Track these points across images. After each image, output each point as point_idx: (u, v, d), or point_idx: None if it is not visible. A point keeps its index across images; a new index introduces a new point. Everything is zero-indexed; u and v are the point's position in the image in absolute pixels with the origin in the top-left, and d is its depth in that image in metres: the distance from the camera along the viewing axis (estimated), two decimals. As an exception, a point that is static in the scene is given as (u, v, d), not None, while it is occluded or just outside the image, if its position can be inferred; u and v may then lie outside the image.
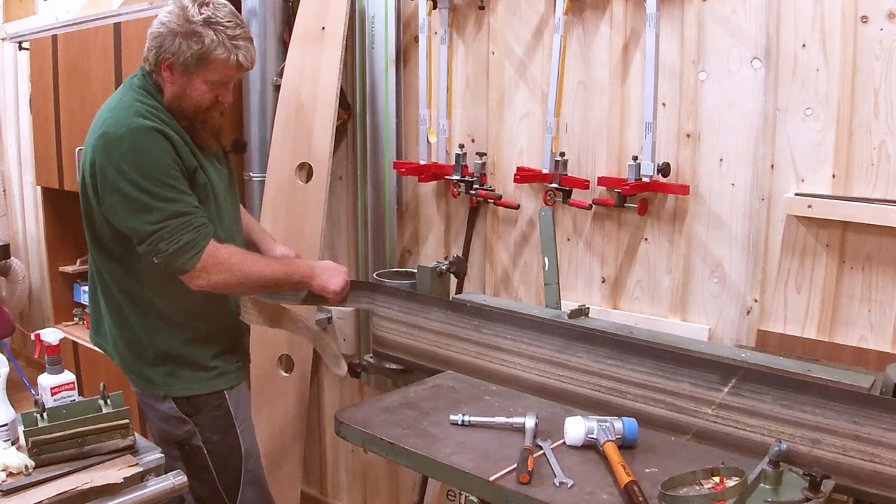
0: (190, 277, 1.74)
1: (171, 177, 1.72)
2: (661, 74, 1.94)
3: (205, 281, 1.75)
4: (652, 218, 2.05)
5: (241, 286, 1.81)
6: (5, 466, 1.45)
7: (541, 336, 1.78)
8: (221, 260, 1.75)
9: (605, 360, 1.67)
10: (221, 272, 1.75)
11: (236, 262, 1.78)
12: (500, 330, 1.84)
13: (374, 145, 2.57)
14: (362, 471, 2.91)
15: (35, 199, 4.17)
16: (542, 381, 1.77)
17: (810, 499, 1.24)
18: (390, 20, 2.46)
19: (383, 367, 2.13)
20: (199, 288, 1.76)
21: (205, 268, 1.73)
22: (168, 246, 1.69)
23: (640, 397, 1.62)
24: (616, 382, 1.65)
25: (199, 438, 1.89)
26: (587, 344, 1.71)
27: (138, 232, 1.71)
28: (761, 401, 1.46)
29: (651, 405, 1.60)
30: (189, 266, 1.72)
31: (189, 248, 1.71)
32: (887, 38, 1.65)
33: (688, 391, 1.55)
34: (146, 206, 1.69)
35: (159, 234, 1.69)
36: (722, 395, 1.50)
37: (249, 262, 1.81)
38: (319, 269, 1.94)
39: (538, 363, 1.77)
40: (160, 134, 1.72)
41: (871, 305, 1.75)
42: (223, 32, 1.74)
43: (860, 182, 1.73)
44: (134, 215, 1.70)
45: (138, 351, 1.89)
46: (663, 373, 1.59)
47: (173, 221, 1.70)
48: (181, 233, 1.70)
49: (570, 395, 1.72)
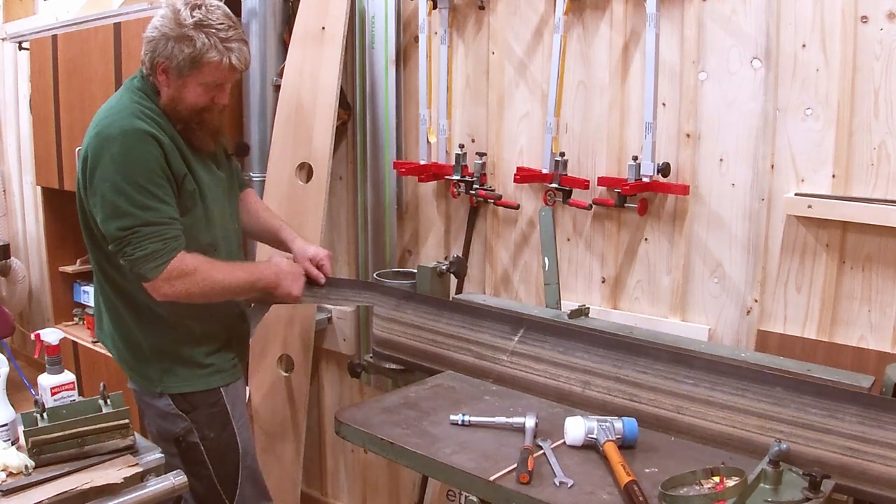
0: (152, 286, 1.75)
1: (153, 183, 1.73)
2: (661, 74, 1.94)
3: (168, 290, 1.75)
4: (652, 218, 2.05)
5: (205, 296, 1.81)
6: (5, 466, 1.45)
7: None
8: (186, 271, 1.75)
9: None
10: (185, 283, 1.76)
11: (201, 272, 1.78)
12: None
13: (374, 145, 2.57)
14: (362, 471, 2.91)
15: (35, 199, 4.17)
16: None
17: (810, 499, 1.24)
18: (390, 20, 2.46)
19: (383, 367, 2.13)
20: (162, 297, 1.77)
21: (168, 278, 1.74)
22: (134, 251, 1.71)
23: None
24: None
25: (195, 435, 1.90)
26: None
27: (109, 234, 1.73)
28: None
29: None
30: (152, 275, 1.73)
31: (154, 258, 1.71)
32: (887, 38, 1.65)
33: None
34: (121, 210, 1.70)
35: (127, 239, 1.71)
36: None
37: (214, 271, 1.81)
38: (283, 275, 1.94)
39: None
40: (152, 138, 1.73)
41: (871, 305, 1.75)
42: (215, 35, 1.74)
43: (860, 182, 1.73)
44: (108, 218, 1.72)
45: (134, 348, 1.90)
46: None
47: (144, 229, 1.71)
48: (149, 241, 1.71)
49: (570, 396, 1.72)
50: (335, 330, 2.76)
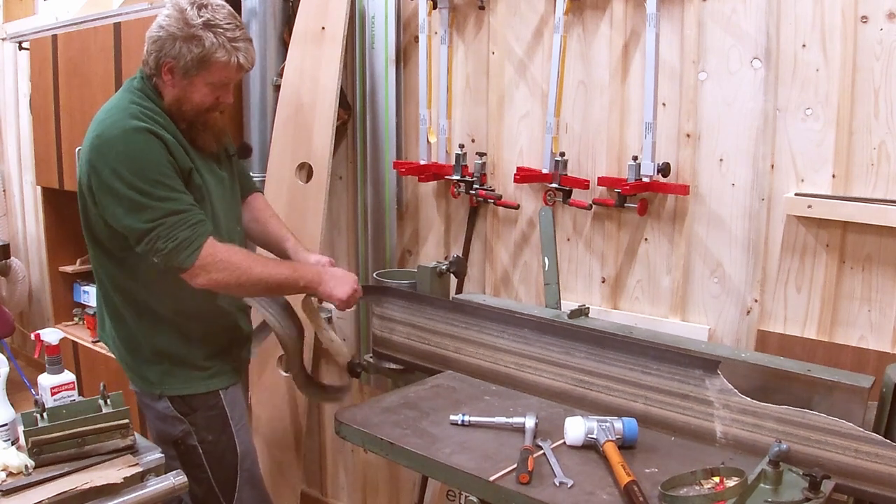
0: (190, 275, 1.73)
1: (165, 175, 1.72)
2: (661, 74, 1.94)
3: (205, 279, 1.74)
4: (652, 218, 2.05)
5: (242, 287, 1.80)
6: (5, 466, 1.45)
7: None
8: (221, 258, 1.74)
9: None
10: (221, 270, 1.74)
11: (237, 261, 1.76)
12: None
13: (374, 145, 2.57)
14: (362, 471, 2.91)
15: (35, 199, 4.17)
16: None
17: (810, 499, 1.24)
18: (390, 20, 2.46)
19: (383, 367, 2.13)
20: (200, 286, 1.75)
21: (204, 265, 1.72)
22: (165, 244, 1.69)
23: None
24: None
25: (194, 438, 1.89)
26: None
27: (134, 231, 1.71)
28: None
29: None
30: (187, 264, 1.71)
31: (186, 246, 1.70)
32: (887, 38, 1.65)
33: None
34: (141, 204, 1.69)
35: (156, 233, 1.69)
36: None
37: (252, 262, 1.80)
38: (328, 276, 1.90)
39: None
40: (153, 135, 1.72)
41: (871, 305, 1.75)
42: (223, 35, 1.74)
43: (860, 182, 1.73)
44: (129, 214, 1.70)
45: (135, 349, 1.89)
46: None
47: (169, 219, 1.69)
48: (177, 230, 1.70)
49: (570, 396, 1.72)
50: (335, 330, 2.76)
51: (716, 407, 1.52)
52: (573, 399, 1.71)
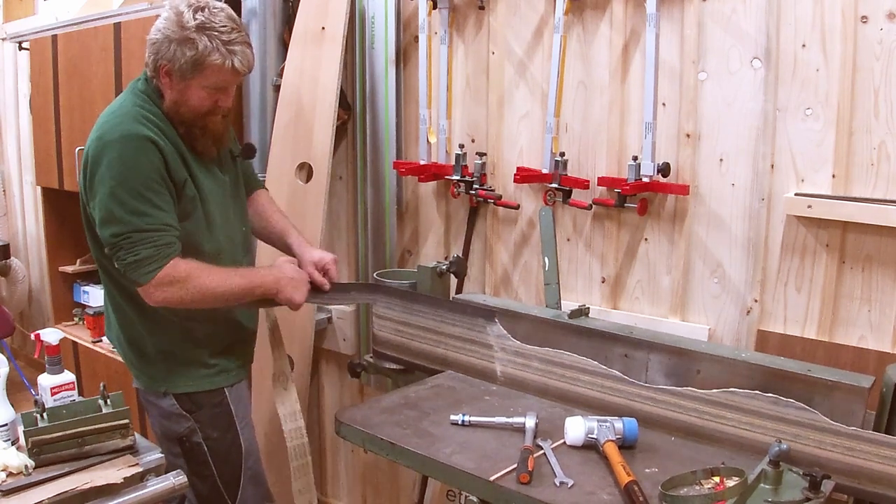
0: (145, 292, 1.74)
1: (150, 189, 1.72)
2: (661, 74, 1.94)
3: (160, 296, 1.74)
4: (652, 218, 2.05)
5: (198, 302, 1.80)
6: (5, 466, 1.45)
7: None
8: (179, 277, 1.74)
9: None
10: (177, 289, 1.74)
11: (193, 279, 1.76)
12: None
13: (374, 145, 2.57)
14: (362, 471, 2.91)
15: (35, 199, 4.17)
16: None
17: (810, 499, 1.24)
18: (390, 20, 2.46)
19: (383, 367, 2.13)
20: (155, 303, 1.76)
21: (160, 284, 1.73)
22: (126, 256, 1.71)
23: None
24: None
25: (199, 435, 1.90)
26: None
27: (104, 239, 1.74)
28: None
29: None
30: (143, 280, 1.72)
31: (147, 263, 1.71)
32: (887, 38, 1.65)
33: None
34: (115, 217, 1.70)
35: (119, 245, 1.71)
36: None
37: (208, 277, 1.79)
38: (285, 281, 1.91)
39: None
40: (151, 144, 1.73)
41: (871, 305, 1.75)
42: (217, 38, 1.73)
43: (860, 182, 1.73)
44: (103, 223, 1.72)
45: (139, 347, 1.90)
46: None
47: (136, 235, 1.70)
48: (141, 247, 1.70)
49: (570, 395, 1.72)
50: (335, 330, 2.76)
51: (495, 350, 1.81)
52: (573, 399, 1.71)
